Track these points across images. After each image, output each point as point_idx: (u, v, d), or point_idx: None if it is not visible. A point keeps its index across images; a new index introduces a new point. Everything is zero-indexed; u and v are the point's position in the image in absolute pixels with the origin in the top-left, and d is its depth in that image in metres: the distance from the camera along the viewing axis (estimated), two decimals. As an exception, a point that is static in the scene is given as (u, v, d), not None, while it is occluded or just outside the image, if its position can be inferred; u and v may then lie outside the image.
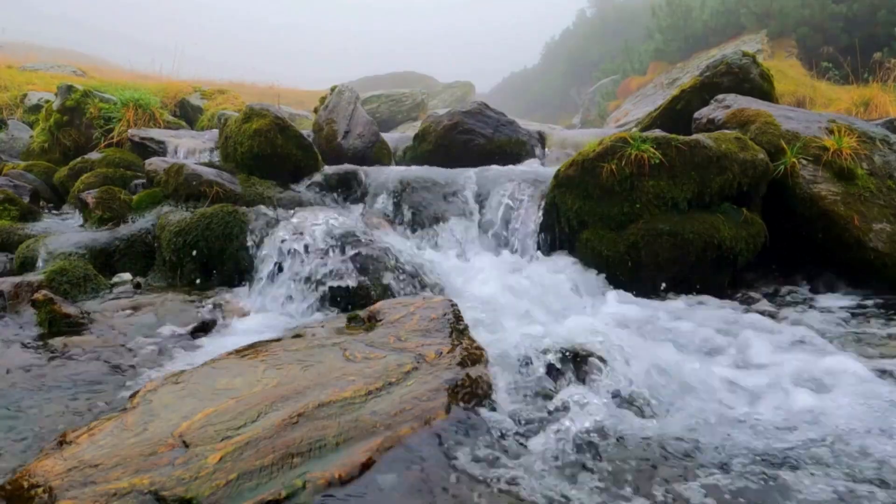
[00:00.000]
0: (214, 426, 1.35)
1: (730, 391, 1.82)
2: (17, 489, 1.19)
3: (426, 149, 5.15)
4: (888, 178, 3.45)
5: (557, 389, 1.69)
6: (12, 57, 12.13)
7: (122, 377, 1.97)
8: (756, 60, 4.66)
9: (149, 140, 5.62)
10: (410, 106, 15.27)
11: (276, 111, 4.25)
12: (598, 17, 29.65)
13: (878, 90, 8.49)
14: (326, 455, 1.24)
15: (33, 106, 8.04)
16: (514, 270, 3.18)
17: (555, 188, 3.44)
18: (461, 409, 1.50)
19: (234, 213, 3.21)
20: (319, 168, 4.26)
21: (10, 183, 4.76)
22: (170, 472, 1.18)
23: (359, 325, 2.08)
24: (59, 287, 2.81)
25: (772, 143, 3.54)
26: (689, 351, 2.24)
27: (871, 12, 12.49)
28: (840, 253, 3.24)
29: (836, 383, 1.85)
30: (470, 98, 18.83)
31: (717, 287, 3.19)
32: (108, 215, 3.73)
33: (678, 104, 4.68)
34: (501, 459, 1.35)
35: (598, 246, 3.21)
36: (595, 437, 1.47)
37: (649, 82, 16.73)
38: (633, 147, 3.18)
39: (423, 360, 1.69)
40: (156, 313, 2.61)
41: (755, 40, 14.04)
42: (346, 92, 5.49)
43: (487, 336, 2.10)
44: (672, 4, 17.69)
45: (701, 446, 1.44)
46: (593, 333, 1.95)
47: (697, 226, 3.14)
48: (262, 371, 1.68)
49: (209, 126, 7.49)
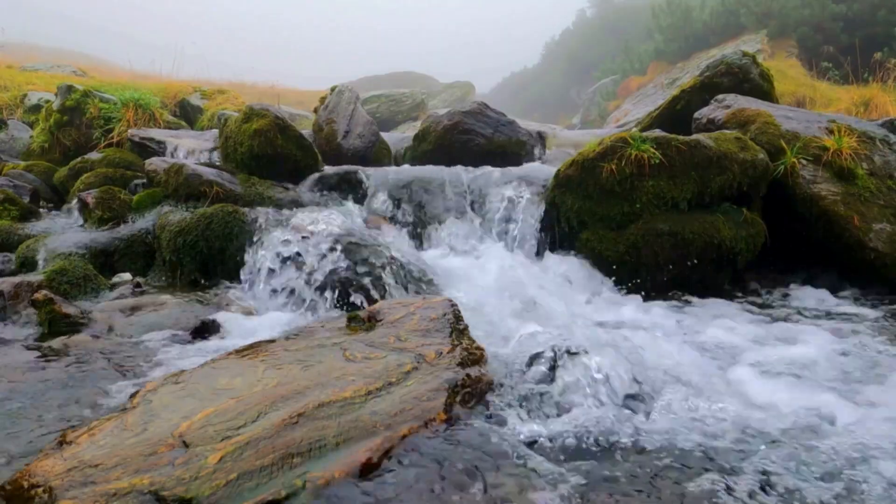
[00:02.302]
0: (214, 426, 1.35)
1: (731, 391, 1.82)
2: (17, 489, 1.19)
3: (426, 149, 5.15)
4: (888, 178, 3.45)
5: (557, 389, 1.68)
6: (12, 57, 12.12)
7: (122, 377, 1.97)
8: (756, 60, 4.66)
9: (149, 140, 5.61)
10: (410, 106, 15.28)
11: (276, 111, 4.25)
12: (598, 17, 29.64)
13: (878, 90, 8.49)
14: (326, 455, 1.25)
15: (33, 106, 8.04)
16: (513, 270, 3.18)
17: (555, 188, 3.44)
18: (461, 409, 1.50)
19: (234, 213, 3.21)
20: (319, 168, 4.26)
21: (10, 183, 4.76)
22: (170, 472, 1.18)
23: (359, 325, 2.08)
24: (58, 287, 2.81)
25: (772, 143, 3.54)
26: (689, 350, 2.24)
27: (871, 12, 12.49)
28: (840, 253, 3.24)
29: (836, 383, 1.86)
30: (470, 98, 18.82)
31: (717, 287, 3.19)
32: (108, 215, 3.73)
33: (678, 104, 4.68)
34: (501, 459, 1.35)
35: (598, 246, 3.21)
36: (595, 436, 1.47)
37: (649, 82, 16.72)
38: (633, 147, 3.18)
39: (423, 360, 1.70)
40: (156, 313, 2.62)
41: (755, 40, 14.04)
42: (346, 92, 5.49)
43: (487, 336, 2.10)
44: (672, 4, 17.69)
45: (700, 446, 1.44)
46: (593, 333, 1.95)
47: (697, 226, 3.14)
48: (262, 371, 1.68)
49: (209, 126, 7.49)
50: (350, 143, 5.20)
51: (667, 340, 2.38)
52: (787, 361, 2.10)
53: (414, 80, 23.10)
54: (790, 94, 8.87)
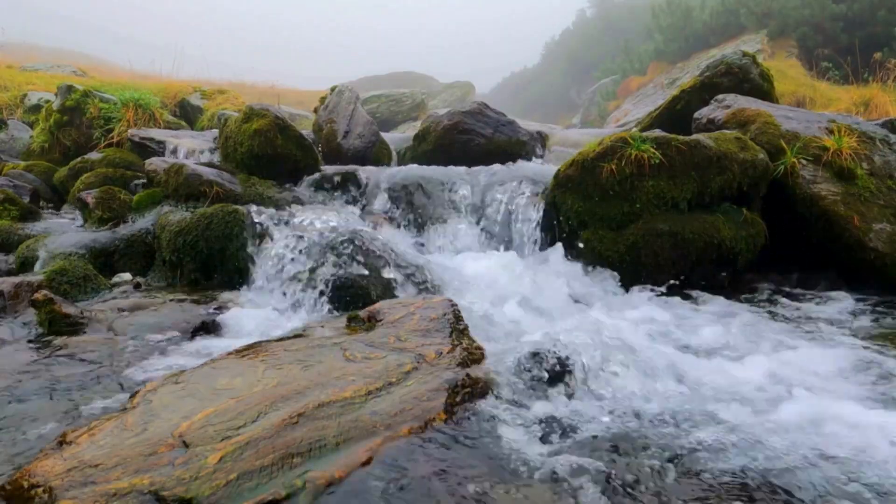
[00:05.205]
0: (214, 426, 1.35)
1: (731, 390, 1.82)
2: (17, 489, 1.19)
3: (426, 149, 5.15)
4: (888, 178, 3.45)
5: (557, 389, 1.69)
6: (12, 57, 12.12)
7: (122, 377, 1.97)
8: (756, 60, 4.66)
9: (149, 140, 5.61)
10: (410, 106, 15.28)
11: (276, 111, 4.25)
12: (598, 17, 29.65)
13: (878, 90, 8.49)
14: (326, 455, 1.24)
15: (33, 106, 8.04)
16: (513, 270, 3.18)
17: (555, 188, 3.44)
18: (461, 409, 1.50)
19: (234, 213, 3.21)
20: (319, 168, 4.26)
21: (10, 183, 4.76)
22: (170, 472, 1.18)
23: (359, 325, 2.08)
24: (59, 287, 2.81)
25: (772, 143, 3.54)
26: (689, 350, 2.24)
27: (871, 12, 12.48)
28: (840, 253, 3.24)
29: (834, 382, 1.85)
30: (470, 98, 18.82)
31: (717, 287, 3.19)
32: (108, 215, 3.73)
33: (678, 104, 4.68)
34: (502, 459, 1.35)
35: (598, 246, 3.21)
36: (595, 435, 1.47)
37: (649, 82, 16.73)
38: (633, 147, 3.18)
39: (423, 360, 1.70)
40: (156, 313, 2.61)
41: (755, 40, 14.04)
42: (346, 92, 5.49)
43: (487, 336, 2.10)
44: (672, 4, 17.70)
45: (700, 445, 1.44)
46: (593, 333, 1.95)
47: (697, 226, 3.14)
48: (262, 371, 1.68)
49: (209, 126, 7.49)
50: (350, 143, 5.20)
51: (666, 340, 2.38)
52: (786, 361, 2.10)
53: (414, 80, 23.10)
54: (790, 94, 8.87)
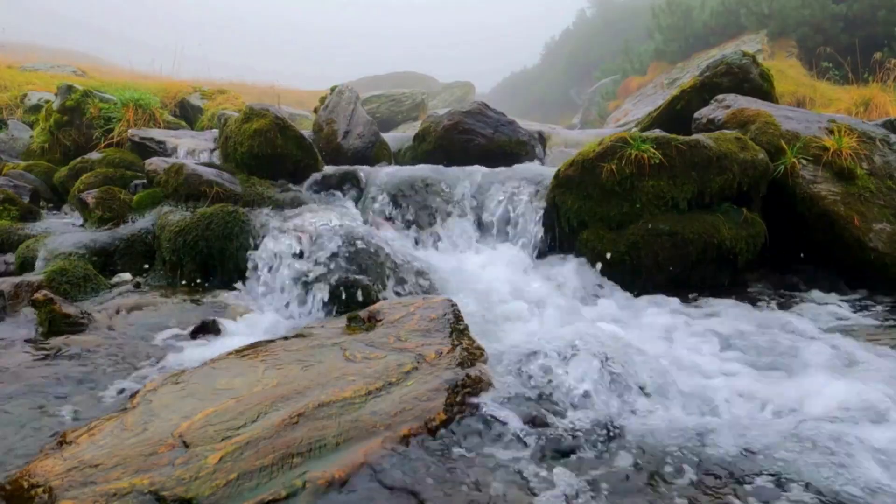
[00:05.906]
0: (214, 426, 1.35)
1: (730, 390, 1.82)
2: (17, 489, 1.19)
3: (426, 149, 5.15)
4: (888, 178, 3.45)
5: (556, 388, 1.69)
6: (12, 57, 12.11)
7: (122, 377, 1.97)
8: (756, 60, 4.66)
9: (149, 140, 5.61)
10: (410, 106, 15.27)
11: (276, 111, 4.25)
12: (598, 17, 29.63)
13: (878, 90, 8.49)
14: (326, 455, 1.25)
15: (33, 106, 8.04)
16: (513, 270, 3.18)
17: (555, 188, 3.44)
18: (461, 409, 1.50)
19: (234, 213, 3.22)
20: (319, 168, 4.26)
21: (10, 183, 4.76)
22: (170, 472, 1.18)
23: (359, 325, 2.08)
24: (58, 287, 2.81)
25: (772, 143, 3.54)
26: (688, 350, 2.24)
27: (871, 12, 12.48)
28: (840, 253, 3.24)
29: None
30: (470, 98, 18.84)
31: (717, 287, 3.19)
32: (108, 215, 3.73)
33: (678, 104, 4.68)
34: (502, 459, 1.35)
35: (598, 246, 3.20)
36: (595, 434, 1.47)
37: (649, 82, 16.72)
38: (633, 147, 3.18)
39: (423, 360, 1.69)
40: (156, 313, 2.62)
41: (755, 40, 14.04)
42: (346, 92, 5.49)
43: (487, 335, 2.10)
44: (672, 4, 17.69)
45: (700, 444, 1.44)
46: (592, 333, 1.95)
47: (697, 226, 3.14)
48: (262, 371, 1.68)
49: (209, 126, 7.49)
50: (350, 143, 5.20)
51: (665, 339, 2.38)
52: (789, 363, 2.10)
53: (414, 80, 23.10)
54: (790, 94, 8.87)
